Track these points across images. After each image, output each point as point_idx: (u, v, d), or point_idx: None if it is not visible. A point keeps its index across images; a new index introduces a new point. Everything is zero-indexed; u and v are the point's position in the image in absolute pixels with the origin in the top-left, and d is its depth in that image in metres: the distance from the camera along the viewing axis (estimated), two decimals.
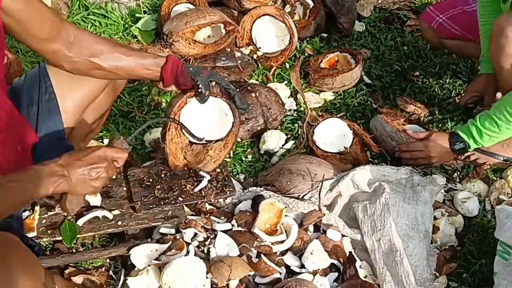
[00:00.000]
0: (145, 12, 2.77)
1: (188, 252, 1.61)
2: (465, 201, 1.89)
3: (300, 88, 2.15)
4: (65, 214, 1.59)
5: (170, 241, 1.63)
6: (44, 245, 1.76)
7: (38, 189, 1.29)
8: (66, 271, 1.68)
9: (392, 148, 2.07)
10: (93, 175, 1.36)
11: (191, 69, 1.65)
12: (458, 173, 2.05)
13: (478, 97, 2.18)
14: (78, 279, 1.64)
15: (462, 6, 2.25)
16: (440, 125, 2.24)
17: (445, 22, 2.18)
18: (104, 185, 1.41)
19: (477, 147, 1.92)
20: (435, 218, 1.82)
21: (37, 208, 1.66)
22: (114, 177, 1.43)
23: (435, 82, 2.43)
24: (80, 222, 1.62)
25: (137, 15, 2.74)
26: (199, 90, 1.65)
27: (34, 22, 1.41)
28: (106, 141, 2.15)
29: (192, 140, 1.72)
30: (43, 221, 1.63)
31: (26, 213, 1.65)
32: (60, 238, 1.60)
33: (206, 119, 1.74)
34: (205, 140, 1.73)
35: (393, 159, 2.07)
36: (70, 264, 1.70)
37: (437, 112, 2.28)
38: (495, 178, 2.01)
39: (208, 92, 1.67)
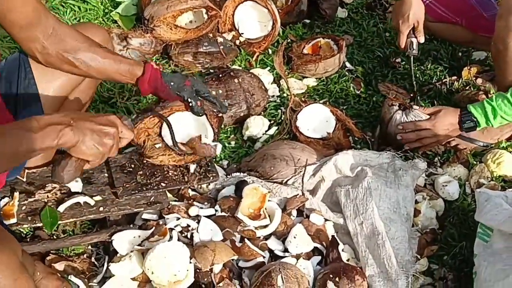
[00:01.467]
0: None
1: (171, 237, 1.60)
2: (446, 185, 1.92)
3: (283, 73, 2.15)
4: (56, 183, 1.49)
5: (153, 227, 1.62)
6: (25, 231, 1.74)
7: (43, 138, 1.15)
8: (47, 258, 1.66)
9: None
10: (102, 138, 1.24)
11: (172, 83, 1.61)
12: (439, 157, 2.07)
13: (411, 36, 2.12)
14: (59, 266, 1.62)
15: None
16: None
17: (432, 3, 2.18)
18: (106, 156, 1.28)
19: (485, 126, 1.90)
20: (416, 202, 1.84)
21: (16, 194, 1.63)
22: (114, 154, 1.31)
23: (416, 68, 2.45)
24: (61, 208, 1.60)
25: (117, 0, 2.70)
26: (191, 106, 1.64)
27: (15, 6, 1.37)
28: None
29: (169, 143, 1.70)
30: (23, 208, 1.61)
31: (5, 200, 1.63)
32: (41, 224, 1.59)
33: (187, 129, 1.74)
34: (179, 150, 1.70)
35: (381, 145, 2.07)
36: (51, 251, 1.68)
37: (418, 98, 2.30)
38: (475, 162, 2.03)
39: (201, 104, 1.65)
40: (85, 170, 1.68)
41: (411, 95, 2.30)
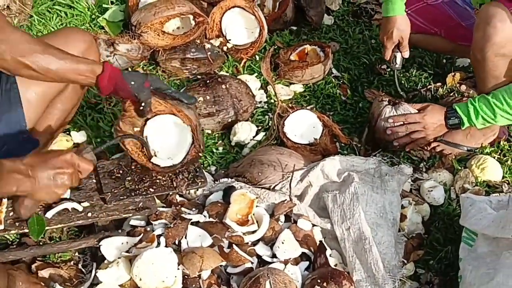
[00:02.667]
0: (112, 3, 2.72)
1: (159, 244, 1.60)
2: (431, 190, 1.94)
3: (271, 79, 2.16)
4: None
5: (141, 234, 1.62)
6: (11, 238, 1.72)
7: (4, 184, 1.24)
8: (34, 265, 1.64)
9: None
10: (58, 181, 1.31)
11: (132, 82, 1.60)
12: (425, 163, 2.10)
13: (395, 51, 2.19)
14: (45, 273, 1.61)
15: (426, 0, 2.29)
16: None
17: (410, 15, 2.22)
18: (64, 193, 1.36)
19: (469, 126, 1.95)
20: (402, 207, 1.86)
21: (4, 201, 1.61)
22: (75, 185, 1.37)
23: (401, 75, 2.48)
24: (49, 214, 1.59)
25: (104, 5, 2.69)
26: (141, 108, 1.64)
27: None
28: (73, 133, 2.11)
29: (153, 159, 1.72)
30: (11, 214, 1.59)
31: None
32: (28, 231, 1.57)
33: (166, 134, 1.76)
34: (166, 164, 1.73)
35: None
36: (38, 258, 1.66)
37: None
38: (459, 168, 2.07)
39: (149, 109, 1.67)
40: None
41: (397, 100, 2.32)
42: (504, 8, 1.80)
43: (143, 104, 1.63)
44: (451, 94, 2.37)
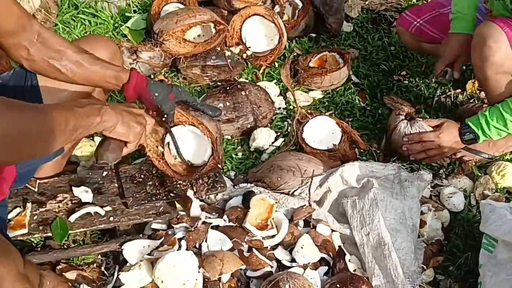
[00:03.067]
0: (135, 12, 2.78)
1: (180, 247, 1.62)
2: (451, 196, 1.93)
3: (290, 85, 2.18)
4: (100, 164, 1.46)
5: (163, 237, 1.64)
6: (35, 241, 1.76)
7: (87, 114, 1.23)
8: (58, 267, 1.68)
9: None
10: (135, 116, 1.37)
11: (156, 94, 1.62)
12: (444, 169, 2.09)
13: (448, 68, 2.15)
14: (71, 275, 1.64)
15: (438, 9, 2.27)
16: None
17: (423, 25, 2.21)
18: (142, 139, 1.42)
19: (485, 139, 1.94)
20: (422, 213, 1.85)
21: (28, 204, 1.66)
22: (142, 141, 1.44)
23: (421, 81, 2.48)
24: (72, 218, 1.63)
25: (127, 14, 2.75)
26: (163, 119, 1.66)
27: (0, 14, 1.37)
28: (97, 138, 2.15)
29: (177, 155, 1.74)
30: (35, 217, 1.64)
31: (17, 210, 1.65)
32: (51, 233, 1.61)
33: (186, 145, 1.78)
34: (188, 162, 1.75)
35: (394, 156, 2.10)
36: (62, 260, 1.70)
37: (423, 111, 2.33)
38: (480, 174, 2.05)
39: (172, 120, 1.69)
40: (96, 180, 1.73)
41: (417, 107, 2.32)
42: (497, 28, 1.81)
43: (165, 115, 1.65)
44: (471, 101, 2.36)
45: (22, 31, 1.45)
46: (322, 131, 2.13)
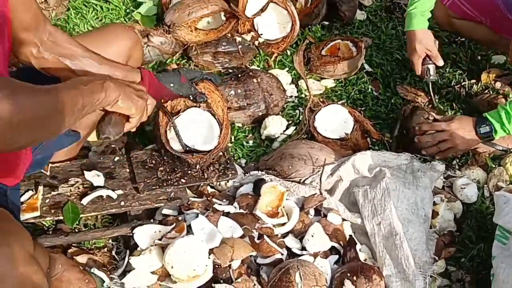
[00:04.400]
0: None
1: (188, 233, 1.62)
2: (464, 188, 1.91)
3: (303, 72, 2.16)
4: (102, 140, 1.46)
5: (174, 223, 1.64)
6: (47, 224, 1.77)
7: (92, 91, 1.23)
8: (69, 251, 1.69)
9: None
10: (136, 91, 1.36)
11: (172, 85, 1.64)
12: (457, 160, 2.07)
13: (427, 64, 2.17)
14: (82, 259, 1.65)
15: None
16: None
17: (459, 0, 2.17)
18: (143, 115, 1.40)
19: (503, 134, 1.90)
20: (434, 204, 1.84)
21: (40, 188, 1.67)
22: (144, 119, 1.43)
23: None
24: (84, 201, 1.63)
25: (138, 0, 2.73)
26: (197, 101, 1.72)
27: (17, 10, 1.37)
28: None
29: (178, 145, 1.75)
30: (47, 201, 1.65)
31: (30, 193, 1.66)
32: (63, 217, 1.62)
33: (193, 130, 1.79)
34: (189, 149, 1.76)
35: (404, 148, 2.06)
36: (73, 244, 1.71)
37: (437, 100, 2.30)
38: (493, 166, 2.03)
39: (202, 94, 1.74)
40: (108, 165, 1.73)
41: (429, 97, 2.30)
42: None
43: (191, 98, 1.70)
44: (486, 92, 2.33)
45: (36, 28, 1.45)
46: (334, 120, 2.11)
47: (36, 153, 1.52)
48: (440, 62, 2.17)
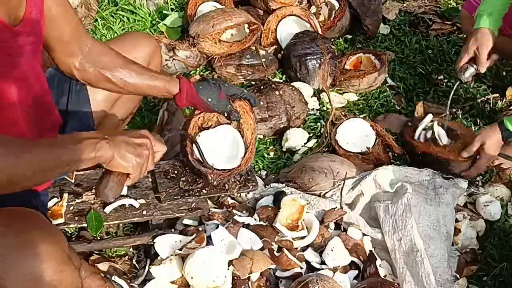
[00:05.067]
0: (172, 9, 2.81)
1: (209, 243, 1.63)
2: (487, 205, 1.89)
3: (326, 86, 2.17)
4: (99, 201, 1.52)
5: (195, 234, 1.65)
6: (70, 231, 1.80)
7: (81, 150, 1.20)
8: (91, 258, 1.71)
9: None
10: (137, 149, 1.28)
11: (210, 100, 1.65)
12: (481, 177, 2.05)
13: (470, 65, 2.07)
14: (103, 266, 1.67)
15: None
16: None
17: None
18: (144, 169, 1.32)
19: None
20: (457, 221, 1.82)
21: (65, 195, 1.70)
22: (150, 169, 1.35)
23: (459, 86, 2.42)
24: (108, 209, 1.65)
25: (164, 12, 2.79)
26: (232, 117, 1.72)
27: (61, 21, 1.44)
28: None
29: (200, 162, 1.72)
30: (71, 208, 1.67)
31: (55, 200, 1.69)
32: (86, 225, 1.64)
33: (219, 145, 1.78)
34: (213, 168, 1.73)
35: (415, 160, 2.06)
36: (95, 252, 1.73)
37: (460, 116, 2.28)
38: None
39: (237, 113, 1.73)
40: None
41: (454, 111, 2.28)
42: None
43: (229, 114, 1.71)
44: (511, 108, 2.30)
45: (77, 40, 1.50)
46: (356, 134, 2.11)
47: None
48: (482, 69, 2.07)
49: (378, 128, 2.11)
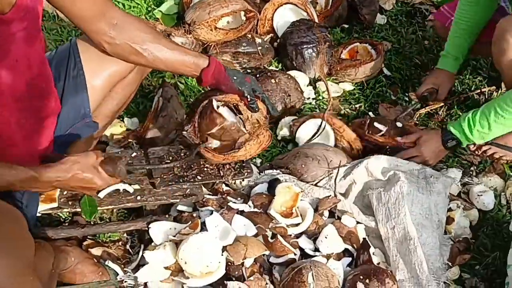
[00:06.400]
0: None
1: (202, 229, 1.62)
2: (481, 195, 1.90)
3: (324, 75, 2.17)
4: None
5: (190, 221, 1.65)
6: (64, 216, 1.80)
7: (40, 187, 1.41)
8: (84, 243, 1.71)
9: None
10: (82, 190, 1.50)
11: (235, 78, 1.65)
12: (475, 167, 2.06)
13: (434, 90, 2.22)
14: (96, 251, 1.67)
15: None
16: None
17: None
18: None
19: (468, 143, 1.90)
20: (450, 210, 1.82)
21: None
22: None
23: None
24: (101, 194, 1.65)
25: None
26: (249, 101, 1.69)
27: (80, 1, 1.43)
28: (126, 119, 2.18)
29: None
30: (65, 192, 1.66)
31: None
32: (80, 209, 1.64)
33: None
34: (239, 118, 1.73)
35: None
36: (89, 237, 1.73)
37: (455, 107, 2.28)
38: (511, 174, 2.01)
39: (256, 101, 1.71)
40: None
41: (449, 102, 2.29)
42: None
43: (249, 99, 1.68)
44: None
45: (103, 16, 1.49)
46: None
47: (57, 140, 1.57)
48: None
49: (336, 126, 2.07)
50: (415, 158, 1.96)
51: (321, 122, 2.06)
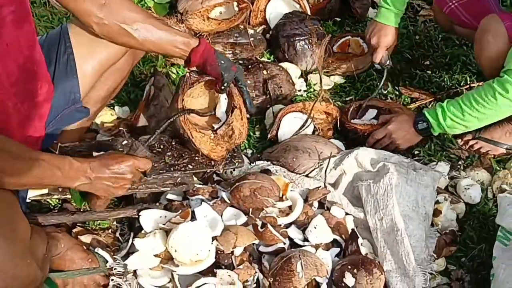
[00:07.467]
0: None
1: (192, 219, 1.63)
2: (468, 188, 1.92)
3: (321, 67, 2.18)
4: None
5: (180, 210, 1.65)
6: (53, 203, 1.79)
7: (64, 179, 1.37)
8: (74, 230, 1.70)
9: None
10: (118, 184, 1.46)
11: (222, 62, 1.65)
12: (463, 161, 2.08)
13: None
14: (86, 238, 1.67)
15: None
16: None
17: (457, 8, 2.17)
18: (123, 193, 1.52)
19: (439, 131, 1.93)
20: (438, 203, 1.85)
21: None
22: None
23: (444, 72, 2.45)
24: None
25: None
26: (222, 87, 1.69)
27: None
28: (117, 108, 2.17)
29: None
30: None
31: None
32: (70, 196, 1.63)
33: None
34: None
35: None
36: (78, 224, 1.72)
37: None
38: (498, 168, 2.04)
39: (228, 89, 1.72)
40: (116, 148, 1.75)
41: (438, 97, 2.31)
42: (499, 22, 1.87)
43: (225, 84, 1.68)
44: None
45: None
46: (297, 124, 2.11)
47: (48, 127, 1.56)
48: (390, 63, 2.22)
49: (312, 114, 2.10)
50: (384, 139, 2.00)
51: (309, 113, 2.08)
